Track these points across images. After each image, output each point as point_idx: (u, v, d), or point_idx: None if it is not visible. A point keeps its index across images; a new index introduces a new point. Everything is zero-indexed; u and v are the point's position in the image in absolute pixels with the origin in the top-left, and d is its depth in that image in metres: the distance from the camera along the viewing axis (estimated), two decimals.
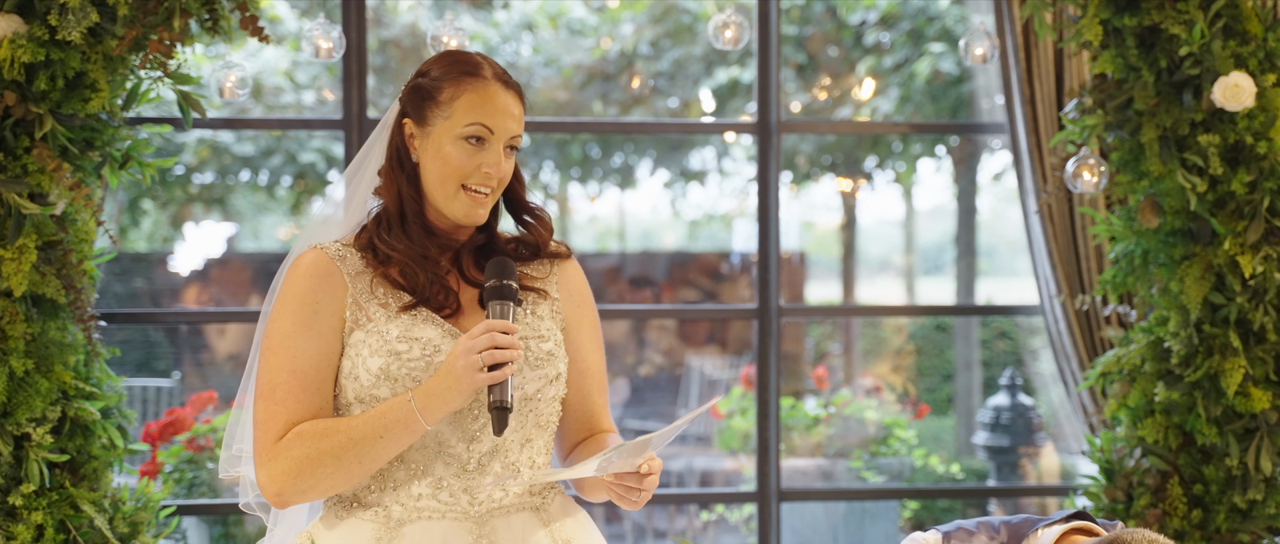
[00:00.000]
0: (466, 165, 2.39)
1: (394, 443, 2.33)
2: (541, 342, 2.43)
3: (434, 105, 2.41)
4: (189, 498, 4.92)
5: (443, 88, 2.41)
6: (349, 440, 2.32)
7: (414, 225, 2.43)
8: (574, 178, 11.41)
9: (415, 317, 2.38)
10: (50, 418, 3.52)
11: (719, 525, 7.56)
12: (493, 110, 2.40)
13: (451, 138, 2.39)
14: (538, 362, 2.42)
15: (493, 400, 2.28)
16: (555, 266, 2.55)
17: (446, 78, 2.42)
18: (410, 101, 2.45)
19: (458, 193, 2.40)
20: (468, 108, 2.39)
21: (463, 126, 2.39)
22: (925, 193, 14.74)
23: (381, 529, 2.39)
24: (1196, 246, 3.86)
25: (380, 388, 2.35)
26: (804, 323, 10.34)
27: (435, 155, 2.40)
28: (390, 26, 9.57)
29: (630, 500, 2.33)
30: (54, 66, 3.46)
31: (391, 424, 2.31)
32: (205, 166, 10.00)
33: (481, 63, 2.44)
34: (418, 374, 2.34)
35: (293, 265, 2.43)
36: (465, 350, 2.27)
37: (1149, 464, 3.93)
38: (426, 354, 2.35)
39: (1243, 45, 3.79)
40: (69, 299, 3.56)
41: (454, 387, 2.28)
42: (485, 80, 2.41)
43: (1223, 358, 3.80)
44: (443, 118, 2.40)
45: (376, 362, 2.35)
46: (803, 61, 9.60)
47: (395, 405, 2.32)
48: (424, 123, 2.42)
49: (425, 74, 2.45)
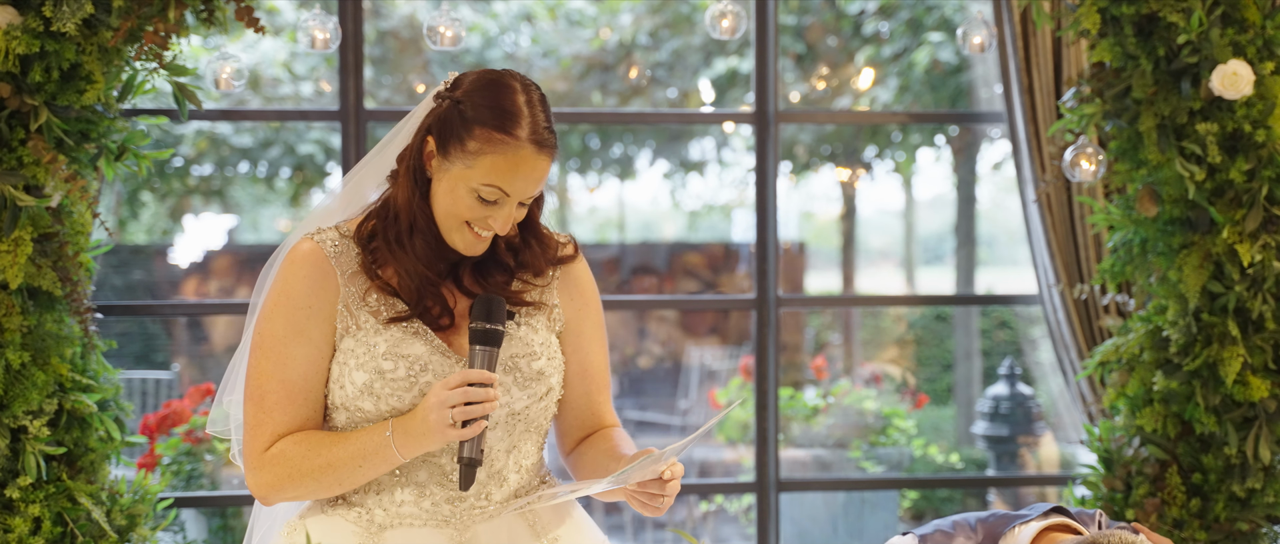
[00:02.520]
0: (474, 213, 2.31)
1: (373, 470, 2.33)
2: (533, 360, 2.39)
3: (459, 148, 2.28)
4: (187, 490, 4.92)
5: (473, 134, 2.27)
6: (328, 464, 2.32)
7: (419, 237, 2.36)
8: (573, 169, 11.40)
9: (405, 329, 2.34)
10: (47, 410, 3.52)
11: (718, 516, 7.56)
12: (515, 178, 2.28)
13: (466, 188, 2.29)
14: (527, 381, 2.39)
15: (461, 455, 2.27)
16: (558, 269, 2.49)
17: (479, 124, 2.27)
18: (438, 126, 2.31)
19: (461, 228, 2.33)
20: (490, 169, 2.27)
21: (480, 183, 2.28)
22: (924, 182, 14.74)
23: (364, 534, 2.39)
24: (1195, 235, 3.85)
25: (363, 401, 2.33)
26: (803, 313, 10.33)
27: (448, 192, 2.31)
28: (388, 18, 9.56)
29: (653, 507, 2.30)
30: (49, 58, 3.45)
31: (370, 454, 2.31)
32: (204, 158, 9.99)
33: (521, 117, 2.28)
34: (402, 393, 2.32)
35: (287, 258, 2.38)
36: (439, 403, 2.24)
37: (1148, 453, 3.92)
38: (412, 373, 2.32)
39: (1241, 33, 3.78)
40: (65, 291, 3.56)
41: (427, 435, 2.27)
42: (519, 144, 2.26)
43: (1221, 346, 3.80)
44: (463, 165, 2.28)
45: (361, 377, 2.32)
46: (801, 51, 9.58)
47: (374, 435, 2.31)
48: (445, 155, 2.30)
49: (462, 102, 2.30)
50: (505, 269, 2.43)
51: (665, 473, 2.26)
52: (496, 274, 2.42)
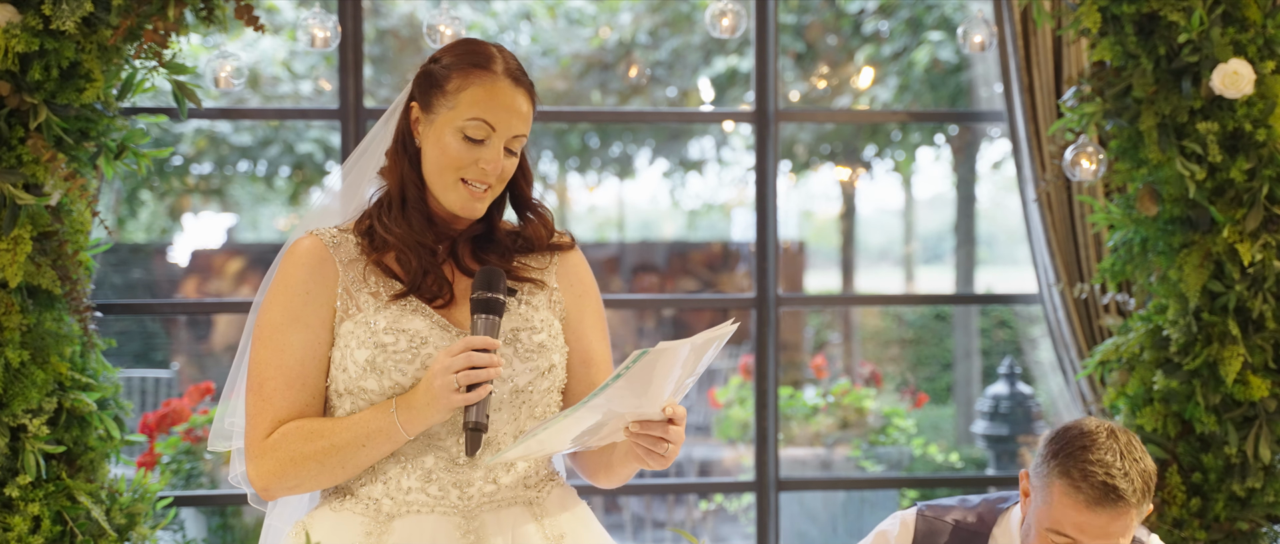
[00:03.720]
0: (464, 158, 2.36)
1: (376, 450, 2.33)
2: (533, 333, 2.41)
3: (440, 94, 2.37)
4: (187, 489, 4.92)
5: (451, 77, 2.37)
6: (331, 446, 2.33)
7: (414, 211, 2.40)
8: (573, 168, 11.40)
9: (404, 306, 2.36)
10: (46, 409, 3.51)
11: (718, 515, 7.56)
12: (497, 106, 2.36)
13: (452, 129, 2.36)
14: (528, 354, 2.40)
15: (467, 420, 2.27)
16: (556, 257, 2.52)
17: (456, 67, 2.38)
18: (419, 87, 2.41)
19: (455, 184, 2.37)
20: (472, 101, 2.35)
21: (464, 120, 2.35)
22: (924, 182, 14.74)
23: (371, 523, 2.38)
24: (1195, 234, 3.85)
25: (367, 380, 2.34)
26: (803, 312, 10.33)
27: (435, 143, 2.37)
28: (387, 16, 9.56)
29: (657, 454, 2.28)
30: (48, 56, 3.45)
31: (374, 433, 2.32)
32: (203, 157, 9.99)
33: (495, 55, 2.39)
34: (404, 366, 2.33)
35: (287, 252, 2.42)
36: (443, 370, 2.25)
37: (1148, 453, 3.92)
38: (413, 346, 2.33)
39: (1242, 32, 3.78)
40: (65, 290, 3.55)
41: (432, 404, 2.28)
42: (494, 75, 2.37)
43: (1221, 346, 3.79)
44: (447, 108, 2.36)
45: (363, 354, 2.33)
46: (801, 50, 9.58)
47: (377, 414, 2.32)
48: (429, 109, 2.38)
49: (438, 60, 2.41)
50: (503, 248, 2.47)
51: (666, 409, 2.25)
52: (494, 253, 2.46)
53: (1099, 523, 2.49)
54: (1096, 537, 2.51)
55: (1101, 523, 2.49)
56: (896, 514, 2.79)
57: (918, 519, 2.76)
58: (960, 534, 2.73)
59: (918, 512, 2.78)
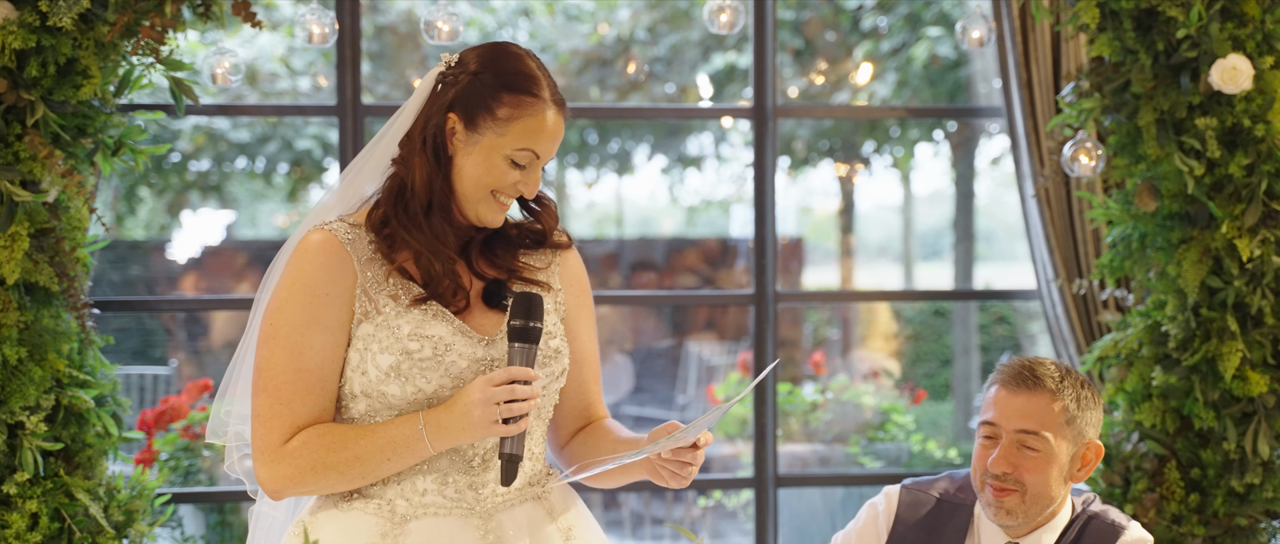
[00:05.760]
0: (506, 180, 2.36)
1: (400, 463, 2.33)
2: (549, 339, 2.41)
3: (490, 118, 2.35)
4: (185, 486, 4.92)
5: (502, 102, 2.35)
6: (355, 457, 2.31)
7: (437, 215, 2.38)
8: (571, 164, 11.39)
9: (426, 311, 2.34)
10: (44, 406, 3.51)
11: (716, 511, 7.56)
12: (546, 137, 2.37)
13: (501, 155, 2.35)
14: (546, 360, 2.40)
15: (504, 452, 2.29)
16: (556, 256, 2.52)
17: (506, 91, 2.35)
18: (462, 100, 2.36)
19: (487, 198, 2.37)
20: (524, 133, 2.35)
21: (514, 149, 2.35)
22: (923, 178, 14.74)
23: (386, 524, 2.36)
24: (1194, 230, 3.85)
25: (388, 385, 2.32)
26: (802, 308, 10.33)
27: (480, 163, 2.35)
28: (385, 12, 9.55)
29: (681, 476, 2.35)
30: (45, 53, 3.44)
31: (399, 447, 2.31)
32: (201, 153, 9.98)
33: (541, 80, 2.38)
34: (428, 372, 2.31)
35: (300, 247, 2.37)
36: (484, 400, 2.26)
37: (1146, 448, 3.92)
38: (437, 352, 2.32)
39: (1240, 27, 3.78)
40: (62, 287, 3.55)
41: (467, 430, 2.29)
42: (544, 104, 2.36)
43: (1220, 342, 3.79)
44: (495, 133, 2.35)
45: (387, 359, 2.31)
46: (800, 46, 9.58)
47: (404, 428, 2.31)
48: (474, 128, 2.35)
49: (480, 74, 2.37)
50: (510, 242, 2.47)
51: (699, 439, 2.31)
52: (500, 248, 2.46)
53: (1016, 403, 2.70)
54: (1013, 417, 2.70)
55: (1019, 403, 2.70)
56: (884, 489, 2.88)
57: (902, 492, 2.85)
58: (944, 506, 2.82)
59: (903, 486, 2.87)
